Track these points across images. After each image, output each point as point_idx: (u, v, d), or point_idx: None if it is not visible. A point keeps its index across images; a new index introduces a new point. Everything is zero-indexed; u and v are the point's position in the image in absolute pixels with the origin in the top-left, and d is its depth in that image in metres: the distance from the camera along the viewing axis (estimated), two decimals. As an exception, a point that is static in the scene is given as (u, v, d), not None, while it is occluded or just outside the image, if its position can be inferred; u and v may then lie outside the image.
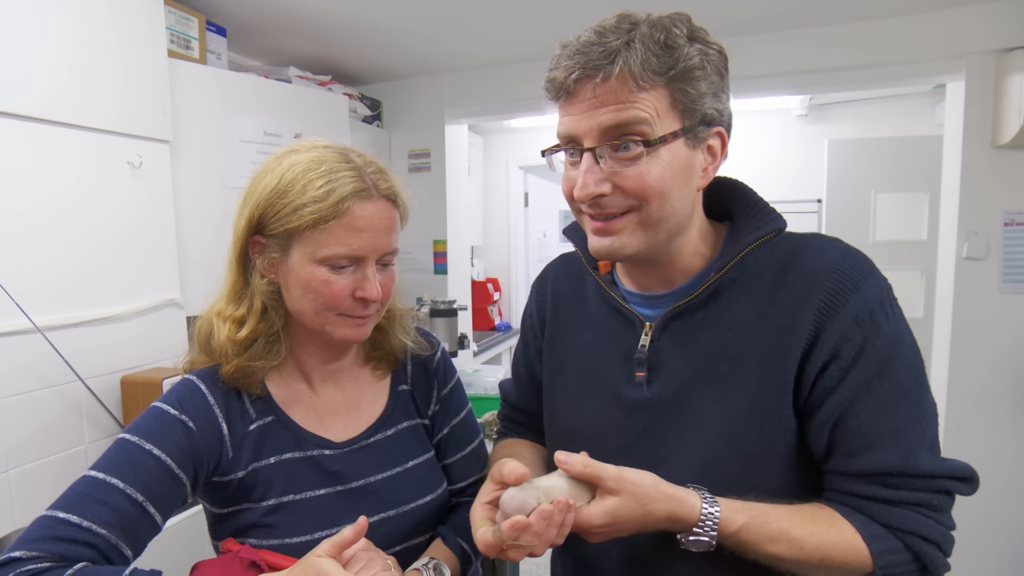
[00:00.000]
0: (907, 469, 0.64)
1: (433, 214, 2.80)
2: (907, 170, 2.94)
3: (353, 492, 0.81)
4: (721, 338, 0.71)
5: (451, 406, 0.95)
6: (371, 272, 0.77)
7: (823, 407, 0.66)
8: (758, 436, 0.68)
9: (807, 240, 0.72)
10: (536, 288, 0.95)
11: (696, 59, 0.64)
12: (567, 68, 0.64)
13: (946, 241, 2.14)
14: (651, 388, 0.74)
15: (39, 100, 1.30)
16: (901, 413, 0.65)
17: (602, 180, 0.66)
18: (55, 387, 1.35)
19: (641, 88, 0.62)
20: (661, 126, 0.64)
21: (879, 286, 0.67)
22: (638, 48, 0.62)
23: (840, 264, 0.67)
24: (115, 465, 0.68)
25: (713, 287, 0.71)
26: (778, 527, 0.64)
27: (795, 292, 0.68)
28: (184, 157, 1.70)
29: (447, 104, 2.75)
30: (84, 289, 1.41)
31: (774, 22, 2.16)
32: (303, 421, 0.82)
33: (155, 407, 0.75)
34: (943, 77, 2.14)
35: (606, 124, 0.64)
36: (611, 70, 0.62)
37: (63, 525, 0.63)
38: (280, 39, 2.24)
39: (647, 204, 0.66)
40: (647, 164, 0.64)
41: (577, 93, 0.65)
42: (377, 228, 0.76)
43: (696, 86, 0.64)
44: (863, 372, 0.65)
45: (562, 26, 2.14)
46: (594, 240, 0.71)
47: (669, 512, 0.63)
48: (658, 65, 0.62)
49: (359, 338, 0.81)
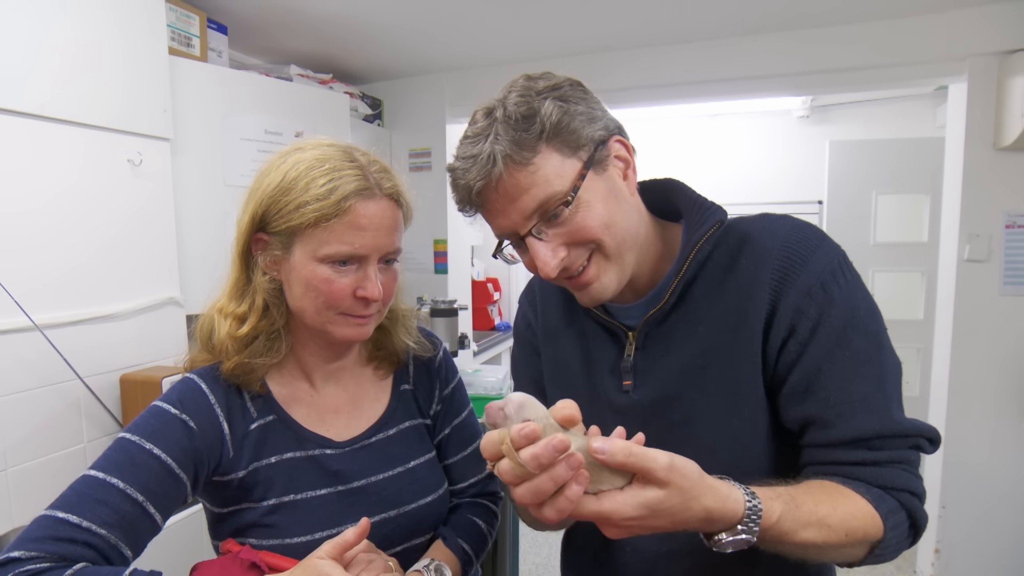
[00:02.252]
0: (885, 430, 0.65)
1: (434, 213, 2.79)
2: (908, 172, 2.94)
3: (354, 492, 0.80)
4: (694, 333, 0.73)
5: (453, 406, 0.95)
6: (372, 271, 0.77)
7: (787, 382, 0.68)
8: (741, 421, 0.70)
9: (754, 222, 0.74)
10: (525, 299, 0.96)
11: (555, 111, 0.67)
12: (466, 187, 0.69)
13: (947, 243, 2.13)
14: (639, 392, 0.77)
15: (40, 97, 1.30)
16: (866, 378, 0.66)
17: (555, 248, 0.69)
18: (54, 385, 1.34)
19: (528, 163, 0.66)
20: (565, 178, 0.67)
21: (829, 255, 0.68)
22: (504, 136, 0.67)
23: (787, 240, 0.69)
24: (115, 465, 0.67)
25: (678, 289, 0.74)
26: (807, 509, 0.60)
27: (747, 274, 0.70)
28: (185, 155, 1.70)
29: (448, 103, 2.74)
30: (84, 287, 1.40)
31: (776, 23, 2.16)
32: (304, 420, 0.82)
33: (156, 406, 0.74)
34: (945, 79, 2.14)
35: (526, 212, 0.68)
36: (498, 168, 0.66)
37: (62, 525, 0.62)
38: (281, 37, 2.24)
39: (601, 241, 0.69)
40: (578, 213, 0.68)
41: (486, 200, 0.69)
42: (379, 227, 0.76)
43: (570, 129, 0.68)
44: (822, 344, 0.66)
45: (563, 26, 2.16)
46: (579, 295, 0.75)
47: (711, 507, 0.54)
48: (527, 137, 0.66)
49: (360, 337, 0.80)
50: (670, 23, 2.15)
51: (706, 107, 3.59)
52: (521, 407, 0.53)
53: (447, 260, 2.79)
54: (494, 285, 4.03)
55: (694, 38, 2.31)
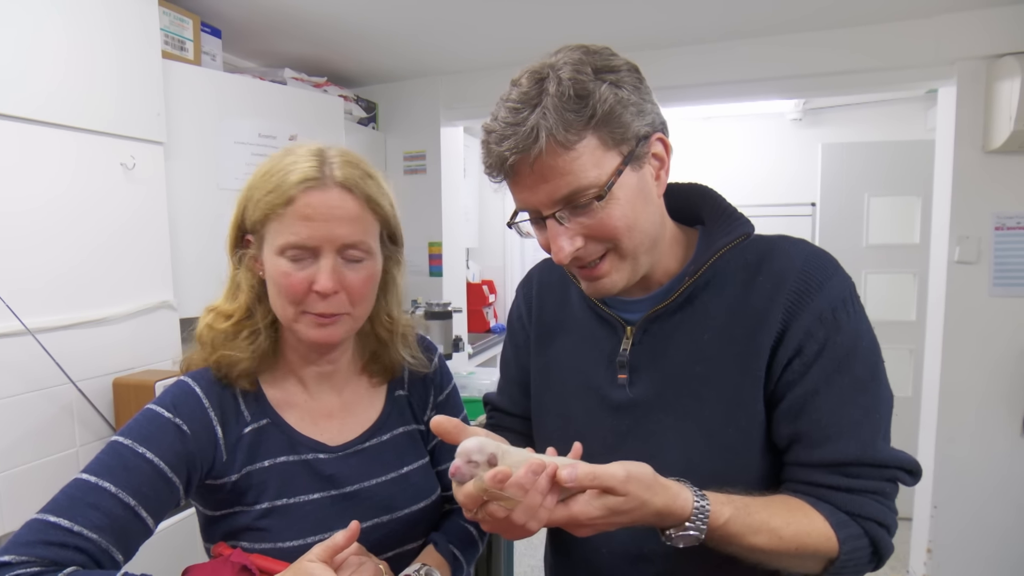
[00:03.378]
0: (864, 459, 0.67)
1: (428, 216, 2.80)
2: (900, 174, 2.96)
3: (347, 497, 0.80)
4: (698, 339, 0.73)
5: (447, 412, 0.93)
6: (326, 263, 0.74)
7: (785, 399, 0.70)
8: (736, 431, 0.71)
9: (775, 242, 0.75)
10: (522, 290, 0.96)
11: (610, 97, 0.65)
12: (500, 156, 0.66)
13: (938, 245, 2.15)
14: (633, 389, 0.77)
15: (32, 100, 1.30)
16: (859, 406, 0.68)
17: (573, 236, 0.68)
18: (46, 389, 1.34)
19: (571, 147, 0.64)
20: (603, 170, 0.65)
21: (842, 285, 0.70)
22: (553, 113, 0.63)
23: (806, 265, 0.71)
24: (107, 468, 0.67)
25: (688, 291, 0.74)
26: (759, 518, 0.65)
27: (764, 292, 0.71)
28: (178, 159, 1.70)
29: (443, 106, 2.75)
30: (77, 291, 1.40)
31: (768, 27, 2.17)
32: (298, 424, 0.82)
33: (149, 410, 0.74)
34: (935, 82, 2.16)
35: (555, 196, 0.66)
36: (539, 145, 0.63)
37: (53, 529, 0.62)
38: (275, 41, 2.24)
39: (620, 242, 0.69)
40: (606, 209, 0.67)
41: (518, 172, 0.67)
42: (329, 217, 0.74)
43: (620, 120, 0.65)
44: (824, 367, 0.68)
45: (556, 30, 2.16)
46: (585, 285, 0.75)
47: (664, 505, 0.62)
48: (577, 119, 0.64)
49: (326, 340, 0.77)
50: (663, 27, 2.17)
51: (699, 110, 3.61)
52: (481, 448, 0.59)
53: (442, 263, 2.80)
54: (489, 287, 4.03)
55: (687, 42, 2.32)
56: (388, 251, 0.85)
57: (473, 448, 0.59)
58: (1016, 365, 2.01)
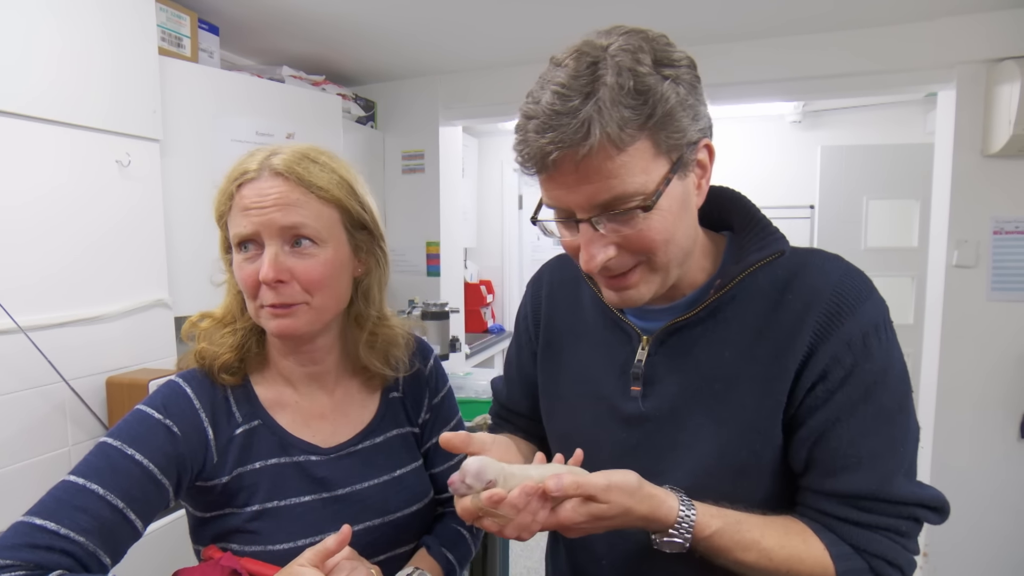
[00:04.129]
0: (880, 494, 0.64)
1: (426, 216, 2.78)
2: (899, 177, 2.96)
3: (339, 499, 0.79)
4: (718, 355, 0.70)
5: (441, 415, 0.94)
6: (267, 253, 0.73)
7: (805, 425, 0.66)
8: (749, 455, 0.68)
9: (807, 258, 0.70)
10: (531, 289, 0.92)
11: (672, 97, 0.59)
12: (542, 148, 0.59)
13: (936, 249, 2.15)
14: (646, 403, 0.73)
15: (24, 96, 1.28)
16: (882, 437, 0.65)
17: (607, 245, 0.63)
18: (38, 388, 1.33)
19: (623, 149, 0.58)
20: (650, 177, 0.60)
21: (875, 310, 0.66)
22: (609, 108, 0.56)
23: (839, 286, 0.66)
24: (95, 470, 0.66)
25: (713, 305, 0.70)
26: (750, 536, 0.64)
27: (793, 312, 0.67)
28: (174, 156, 1.69)
29: (442, 106, 2.74)
30: (70, 288, 1.39)
31: (768, 29, 2.17)
32: (290, 425, 0.81)
33: (139, 410, 0.73)
34: (934, 86, 2.16)
35: (596, 200, 0.60)
36: (589, 143, 0.57)
37: (40, 532, 0.61)
38: (274, 38, 2.23)
39: (655, 255, 0.64)
40: (648, 220, 0.61)
41: (558, 169, 0.60)
42: (264, 205, 0.73)
43: (677, 123, 0.60)
44: (849, 394, 0.64)
45: (558, 29, 2.16)
46: (608, 293, 0.69)
47: (648, 512, 0.63)
48: (634, 117, 0.57)
49: (286, 331, 0.75)
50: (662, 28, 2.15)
51: (699, 111, 3.59)
52: (479, 473, 0.61)
53: (439, 263, 2.79)
54: (487, 287, 4.03)
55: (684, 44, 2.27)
56: (358, 242, 0.81)
57: (472, 471, 0.61)
58: (1014, 369, 2.00)
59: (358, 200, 0.80)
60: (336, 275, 0.78)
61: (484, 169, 4.11)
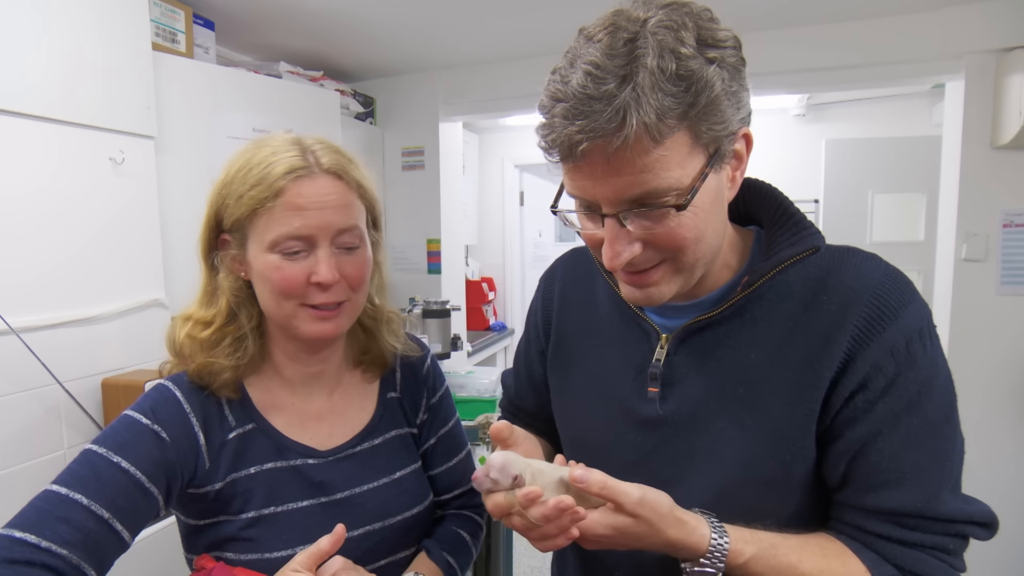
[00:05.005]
0: (927, 511, 0.60)
1: (427, 213, 2.75)
2: (905, 171, 2.92)
3: (337, 504, 0.77)
4: (743, 358, 0.65)
5: (439, 415, 0.91)
6: (324, 253, 0.72)
7: (843, 437, 0.62)
8: (778, 466, 0.63)
9: (843, 256, 0.65)
10: (543, 284, 0.88)
11: (717, 84, 0.53)
12: (570, 137, 0.53)
13: (944, 242, 2.11)
14: (664, 405, 0.69)
15: (12, 92, 1.25)
16: (927, 451, 0.60)
17: (632, 242, 0.58)
18: (32, 390, 1.31)
19: (661, 141, 0.52)
20: (686, 171, 0.55)
21: (919, 314, 0.61)
22: (648, 95, 0.50)
23: (880, 287, 0.62)
24: (79, 479, 0.64)
25: (740, 303, 0.65)
26: (787, 560, 0.60)
27: (828, 314, 0.62)
28: (169, 153, 1.66)
29: (442, 101, 2.71)
30: (64, 289, 1.36)
31: (772, 20, 2.13)
32: (285, 428, 0.78)
33: (126, 416, 0.71)
34: (942, 77, 2.12)
35: (625, 195, 0.55)
36: (624, 133, 0.51)
37: (19, 546, 0.59)
38: (271, 34, 2.20)
39: (683, 254, 0.60)
40: (679, 218, 0.57)
41: (587, 159, 0.54)
42: (323, 205, 0.71)
43: (720, 113, 0.54)
44: (891, 405, 0.60)
45: (559, 22, 2.13)
46: (627, 290, 0.64)
47: (677, 538, 0.59)
48: (675, 106, 0.51)
49: (329, 334, 0.75)
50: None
51: (701, 105, 3.56)
52: (504, 468, 0.60)
53: (440, 260, 2.76)
54: (489, 284, 4.00)
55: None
56: (373, 238, 0.82)
57: (497, 466, 0.60)
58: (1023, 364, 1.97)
59: (376, 198, 0.82)
60: (370, 271, 0.79)
61: (485, 165, 4.08)
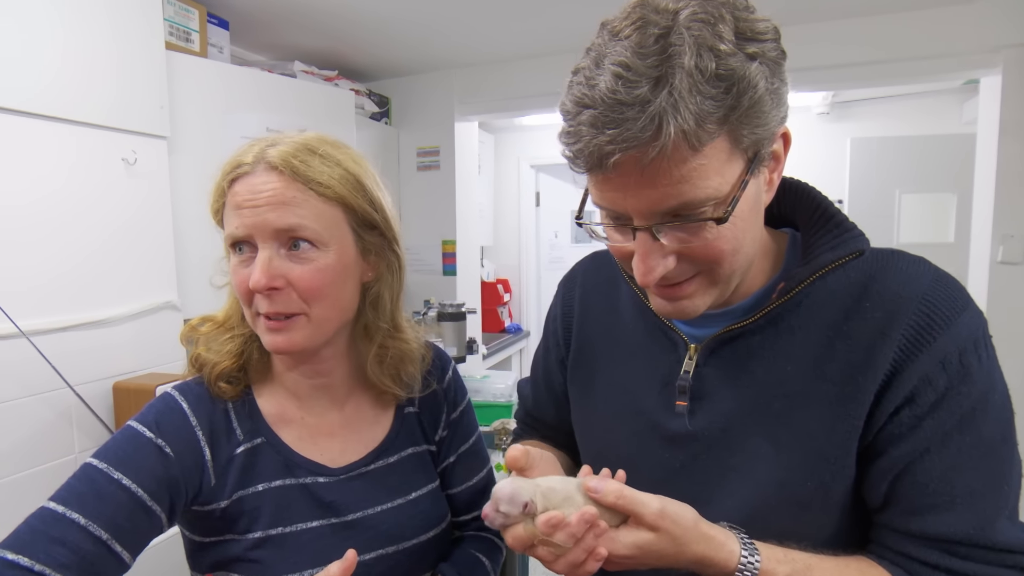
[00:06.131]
0: (981, 540, 0.55)
1: (442, 214, 2.72)
2: (934, 170, 2.84)
3: (349, 525, 0.72)
4: (779, 370, 0.60)
5: (460, 431, 0.86)
6: (260, 256, 0.65)
7: (886, 455, 0.57)
8: (817, 487, 0.59)
9: (887, 260, 0.60)
10: (563, 289, 0.83)
11: (761, 83, 0.48)
12: (600, 148, 0.48)
13: (979, 244, 2.03)
14: (694, 420, 0.64)
15: (27, 92, 1.23)
16: (981, 472, 0.55)
17: (667, 255, 0.54)
18: (43, 394, 1.28)
19: (700, 148, 0.48)
20: (725, 179, 0.50)
21: (973, 322, 0.56)
22: (687, 98, 0.46)
23: (930, 293, 0.57)
24: (77, 496, 0.60)
25: (775, 311, 0.61)
26: None
27: (872, 323, 0.57)
28: (183, 153, 1.63)
29: (457, 101, 2.67)
30: (76, 291, 1.34)
31: (794, 15, 2.07)
32: (295, 443, 0.74)
33: (129, 428, 0.67)
34: (976, 72, 2.04)
35: (660, 207, 0.51)
36: (660, 143, 0.46)
37: (10, 568, 0.55)
38: (285, 33, 2.17)
39: (719, 267, 0.56)
40: (717, 229, 0.52)
41: (618, 169, 0.49)
42: (257, 203, 0.65)
43: (762, 115, 0.50)
44: (941, 422, 0.55)
45: (577, 20, 2.08)
46: (659, 303, 0.60)
47: (703, 555, 0.55)
48: (715, 108, 0.47)
49: (282, 347, 0.68)
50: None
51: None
52: (513, 498, 0.55)
53: (456, 262, 2.72)
54: (504, 286, 3.96)
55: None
56: (367, 244, 0.73)
57: (504, 497, 0.56)
58: (1064, 372, 1.89)
59: (366, 197, 0.71)
60: (338, 282, 0.69)
61: (500, 166, 4.04)
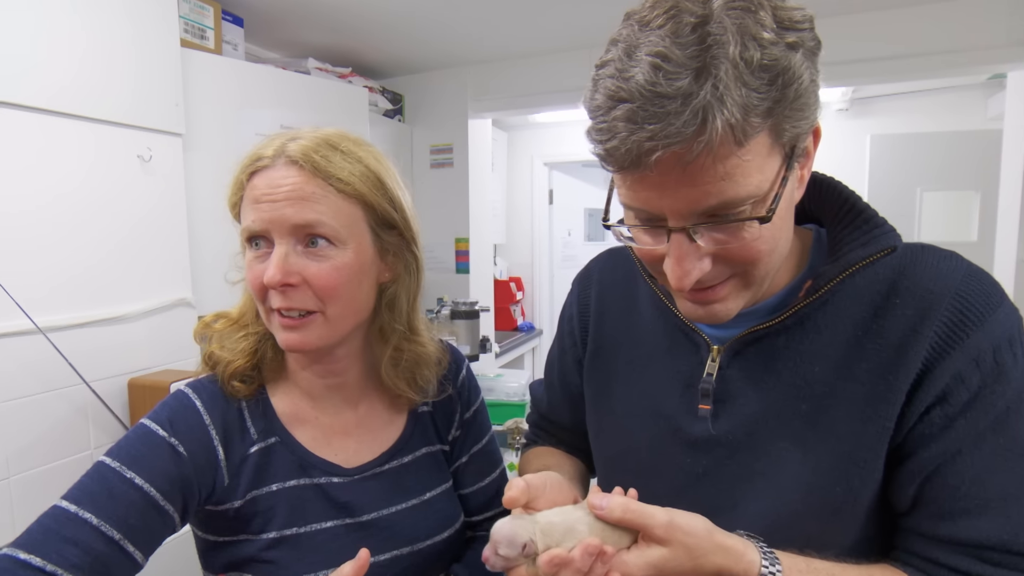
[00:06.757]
0: (1015, 546, 0.52)
1: (455, 211, 2.71)
2: (957, 167, 2.78)
3: (364, 526, 0.71)
4: (806, 371, 0.59)
5: (473, 431, 0.85)
6: (276, 251, 0.64)
7: (915, 456, 0.55)
8: (845, 492, 0.57)
9: (918, 255, 0.58)
10: (578, 288, 0.81)
11: (805, 74, 0.46)
12: (639, 145, 0.45)
13: (1005, 243, 1.99)
14: (717, 424, 0.62)
15: (47, 90, 1.24)
16: (1016, 476, 0.53)
17: (703, 258, 0.51)
18: (59, 390, 1.29)
19: (744, 143, 0.45)
20: (765, 176, 0.48)
21: (1008, 319, 0.54)
22: (734, 90, 0.43)
23: (962, 289, 0.55)
24: (89, 496, 0.60)
25: (802, 311, 0.59)
26: None
27: (902, 320, 0.55)
28: (197, 150, 1.64)
29: (470, 98, 2.66)
30: (91, 288, 1.35)
31: (816, 9, 2.02)
32: (310, 443, 0.73)
33: (142, 426, 0.66)
34: (1004, 66, 1.99)
35: (699, 207, 0.48)
36: (705, 139, 0.44)
37: (22, 568, 0.55)
38: (299, 30, 2.17)
39: (755, 268, 0.53)
40: (758, 229, 0.50)
41: (658, 168, 0.46)
42: (276, 198, 0.64)
43: (805, 108, 0.48)
44: (974, 422, 0.53)
45: (592, 16, 2.05)
46: (689, 307, 0.57)
47: (722, 567, 0.53)
48: (760, 101, 0.45)
49: (296, 346, 0.67)
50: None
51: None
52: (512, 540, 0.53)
53: (468, 260, 2.71)
54: (517, 284, 3.94)
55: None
56: (385, 244, 0.71)
57: (502, 540, 0.54)
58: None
59: (386, 195, 0.70)
60: (354, 281, 0.68)
61: (514, 163, 4.02)
